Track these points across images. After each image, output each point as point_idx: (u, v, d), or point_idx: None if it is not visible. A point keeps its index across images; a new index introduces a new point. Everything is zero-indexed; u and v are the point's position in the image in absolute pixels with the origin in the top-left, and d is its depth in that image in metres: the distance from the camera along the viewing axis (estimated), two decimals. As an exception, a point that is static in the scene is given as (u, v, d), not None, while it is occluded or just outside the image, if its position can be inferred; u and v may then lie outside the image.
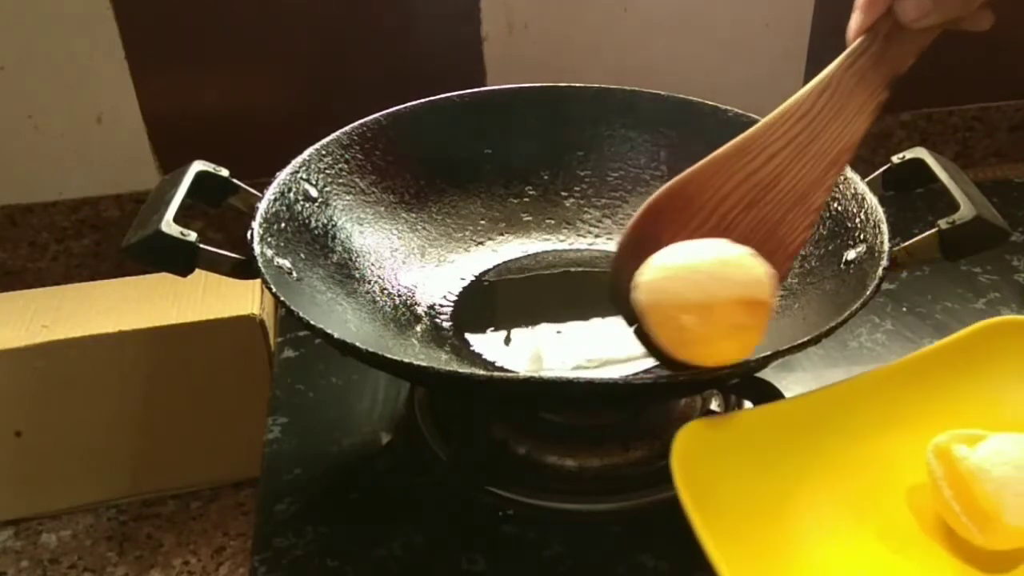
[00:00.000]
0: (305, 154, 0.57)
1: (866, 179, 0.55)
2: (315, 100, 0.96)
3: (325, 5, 0.91)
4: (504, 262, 0.63)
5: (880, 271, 0.46)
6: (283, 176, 0.54)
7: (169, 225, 0.46)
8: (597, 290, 0.60)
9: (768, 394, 0.49)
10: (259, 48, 0.93)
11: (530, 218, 0.65)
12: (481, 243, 0.63)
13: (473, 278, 0.61)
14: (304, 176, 0.56)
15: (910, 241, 0.49)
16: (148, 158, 0.95)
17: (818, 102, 0.45)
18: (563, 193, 0.65)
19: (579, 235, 0.65)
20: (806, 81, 0.46)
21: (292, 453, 0.55)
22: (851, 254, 0.51)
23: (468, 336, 0.57)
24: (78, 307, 0.87)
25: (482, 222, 0.64)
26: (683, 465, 0.40)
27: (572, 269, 0.63)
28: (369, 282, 0.56)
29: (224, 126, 0.96)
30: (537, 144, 0.64)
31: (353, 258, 0.56)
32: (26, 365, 0.82)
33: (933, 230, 0.48)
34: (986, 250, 0.48)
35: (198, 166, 0.52)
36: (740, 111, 0.61)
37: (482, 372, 0.50)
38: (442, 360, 0.54)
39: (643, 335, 0.43)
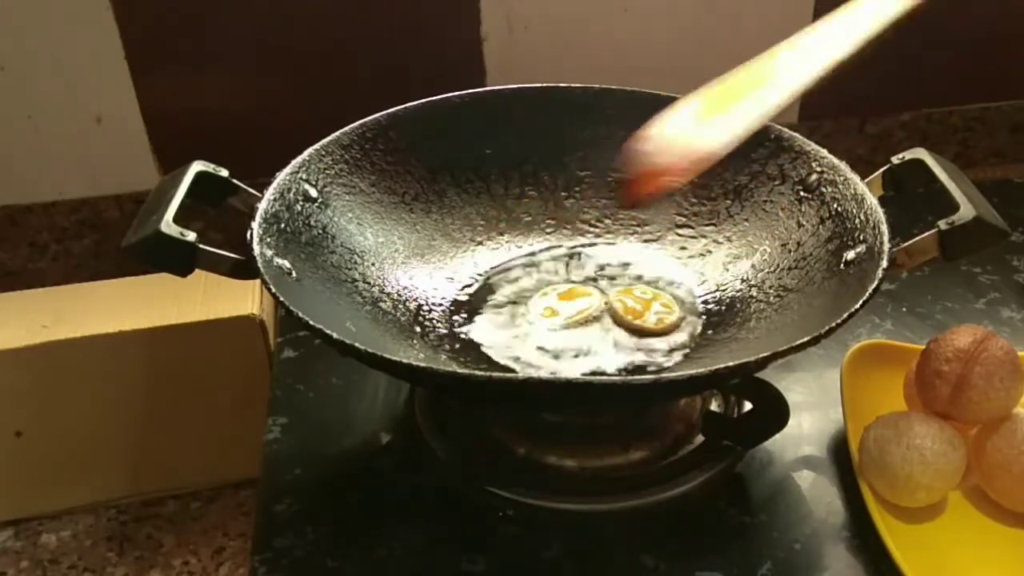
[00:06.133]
0: (305, 154, 0.57)
1: (866, 179, 0.55)
2: (315, 100, 0.96)
3: (325, 5, 0.91)
4: (504, 262, 0.63)
5: (880, 271, 0.46)
6: (283, 176, 0.54)
7: (169, 225, 0.46)
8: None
9: (768, 395, 0.49)
10: (259, 48, 0.93)
11: (530, 218, 0.65)
12: (481, 243, 0.63)
13: (473, 278, 0.61)
14: (304, 176, 0.56)
15: (910, 241, 0.49)
16: (148, 158, 0.95)
17: None
18: (563, 193, 0.65)
19: (579, 235, 0.64)
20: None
21: (292, 453, 0.55)
22: (851, 254, 0.51)
23: (467, 337, 0.57)
24: (78, 307, 0.87)
25: (482, 222, 0.64)
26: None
27: (572, 270, 0.63)
28: (369, 282, 0.56)
29: (224, 126, 0.96)
30: (537, 144, 0.64)
31: (352, 258, 0.56)
32: (26, 365, 0.82)
33: (933, 230, 0.48)
34: (986, 250, 0.48)
35: (198, 166, 0.52)
36: (740, 111, 0.61)
37: (481, 373, 0.50)
38: (441, 361, 0.54)
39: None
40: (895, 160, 0.55)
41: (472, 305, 0.59)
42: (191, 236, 0.47)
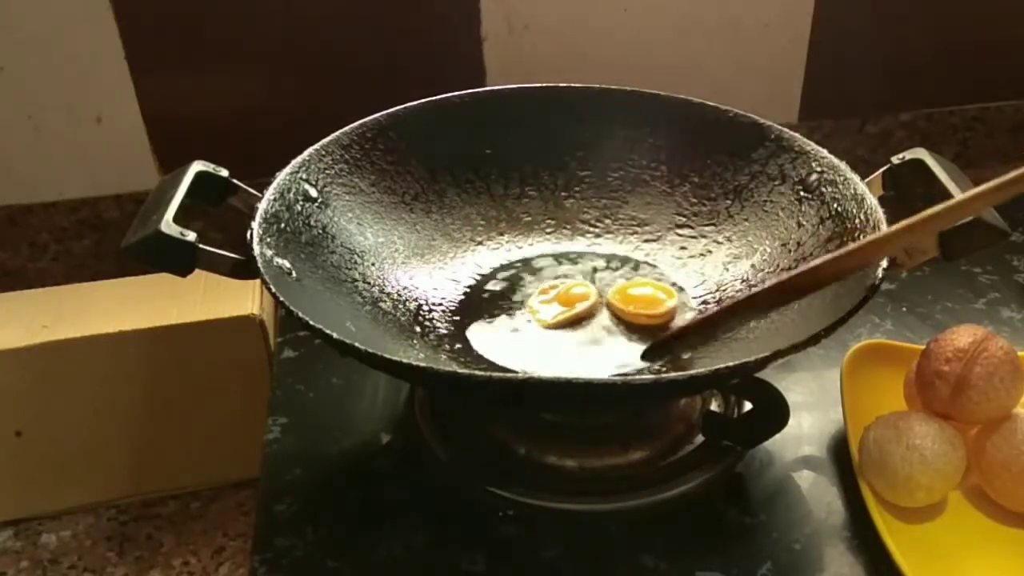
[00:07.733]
0: (305, 154, 0.57)
1: (866, 179, 0.55)
2: (315, 100, 0.96)
3: (325, 5, 0.91)
4: (504, 263, 0.63)
5: (880, 271, 0.46)
6: (283, 176, 0.54)
7: (169, 225, 0.46)
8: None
9: (768, 395, 0.49)
10: (259, 48, 0.93)
11: (530, 218, 0.65)
12: (481, 243, 0.63)
13: (473, 279, 0.61)
14: (304, 176, 0.56)
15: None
16: (148, 158, 0.95)
17: None
18: (563, 193, 0.65)
19: (579, 235, 0.64)
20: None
21: (292, 453, 0.55)
22: (851, 254, 0.51)
23: (467, 337, 0.57)
24: (78, 307, 0.87)
25: (482, 222, 0.64)
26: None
27: (572, 270, 0.63)
28: (369, 282, 0.56)
29: (224, 126, 0.96)
30: (537, 144, 0.64)
31: (353, 258, 0.56)
32: (26, 365, 0.82)
33: (933, 230, 0.48)
34: (986, 250, 0.48)
35: (198, 166, 0.52)
36: (740, 111, 0.61)
37: (481, 372, 0.50)
38: (441, 361, 0.54)
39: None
40: (895, 160, 0.55)
41: (472, 305, 0.59)
42: (191, 236, 0.47)
